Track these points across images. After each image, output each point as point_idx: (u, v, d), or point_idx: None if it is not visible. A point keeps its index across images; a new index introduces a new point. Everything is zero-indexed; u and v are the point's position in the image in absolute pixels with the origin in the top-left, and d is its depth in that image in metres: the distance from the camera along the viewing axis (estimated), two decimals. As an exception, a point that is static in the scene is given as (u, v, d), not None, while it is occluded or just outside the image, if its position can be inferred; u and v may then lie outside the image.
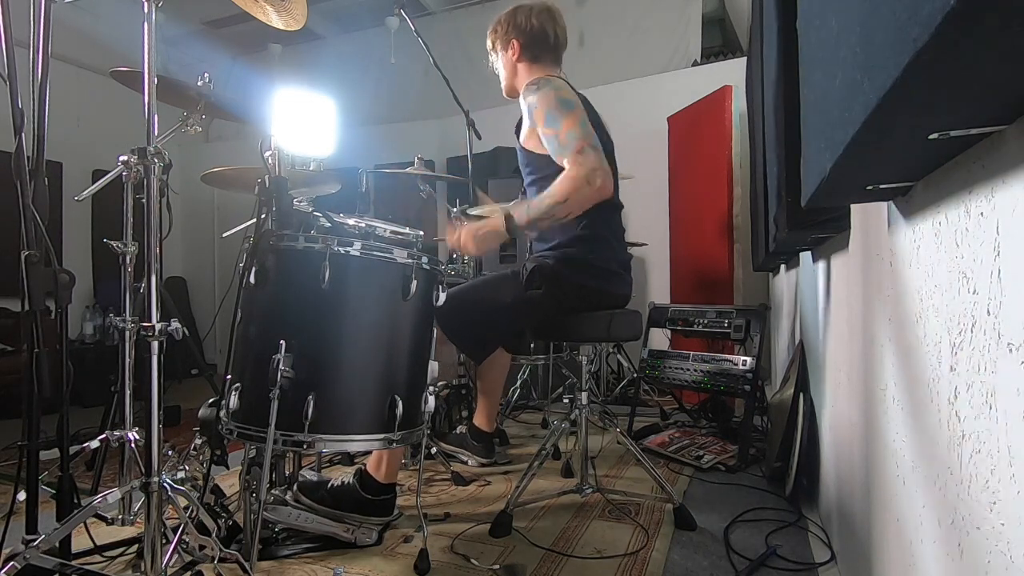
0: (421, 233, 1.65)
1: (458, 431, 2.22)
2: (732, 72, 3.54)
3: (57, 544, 1.16)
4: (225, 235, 2.04)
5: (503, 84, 1.96)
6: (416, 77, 4.74)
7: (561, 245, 1.74)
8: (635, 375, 2.98)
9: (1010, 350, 0.45)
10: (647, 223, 3.78)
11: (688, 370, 2.50)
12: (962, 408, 0.55)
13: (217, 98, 1.59)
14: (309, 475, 1.73)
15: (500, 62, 1.94)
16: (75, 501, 1.22)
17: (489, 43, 1.95)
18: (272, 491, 1.54)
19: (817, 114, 0.68)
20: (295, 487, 1.58)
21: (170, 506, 1.18)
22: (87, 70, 4.40)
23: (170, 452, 1.63)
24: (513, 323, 1.82)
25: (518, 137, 1.86)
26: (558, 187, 1.55)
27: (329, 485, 1.59)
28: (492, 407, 2.15)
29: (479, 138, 2.67)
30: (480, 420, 2.15)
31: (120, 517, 1.40)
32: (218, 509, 1.52)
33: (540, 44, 1.86)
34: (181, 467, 1.50)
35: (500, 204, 2.24)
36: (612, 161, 1.79)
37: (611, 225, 1.81)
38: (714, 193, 3.36)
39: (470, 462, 2.17)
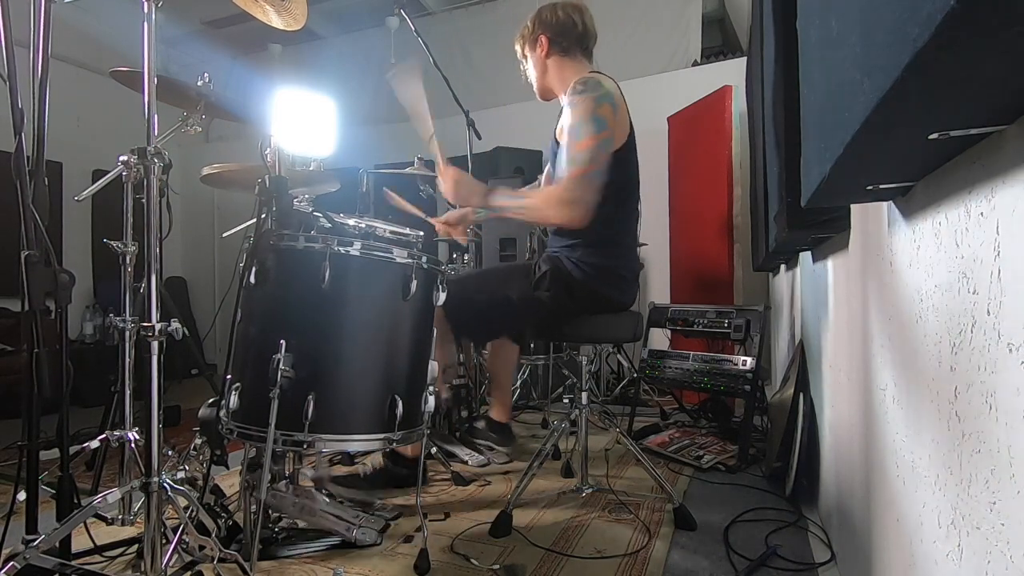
0: (421, 233, 1.66)
1: (478, 425, 2.27)
2: (732, 72, 3.55)
3: (57, 544, 1.16)
4: (225, 235, 2.04)
5: (535, 86, 1.89)
6: (416, 77, 4.72)
7: (582, 246, 1.71)
8: (635, 375, 2.98)
9: (1010, 350, 0.45)
10: (647, 223, 3.76)
11: (688, 370, 2.50)
12: (962, 408, 0.55)
13: (217, 98, 1.59)
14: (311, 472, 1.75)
15: (530, 64, 1.89)
16: (75, 501, 1.21)
17: (518, 49, 1.91)
18: (273, 485, 1.54)
19: (817, 114, 0.68)
20: (330, 480, 1.70)
21: (170, 506, 1.18)
22: (87, 70, 4.40)
23: (170, 452, 1.64)
24: (516, 319, 1.81)
25: (555, 130, 1.83)
26: (537, 196, 1.69)
27: (361, 474, 1.75)
28: (504, 398, 2.20)
29: (479, 138, 2.67)
30: (495, 413, 2.21)
31: (120, 517, 1.40)
32: (218, 509, 1.52)
33: (568, 35, 1.81)
34: (181, 467, 1.50)
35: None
36: (636, 161, 1.79)
37: (632, 234, 1.83)
38: (714, 193, 3.36)
39: (464, 453, 2.20)
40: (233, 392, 1.29)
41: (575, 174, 1.58)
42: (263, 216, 1.35)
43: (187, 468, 1.52)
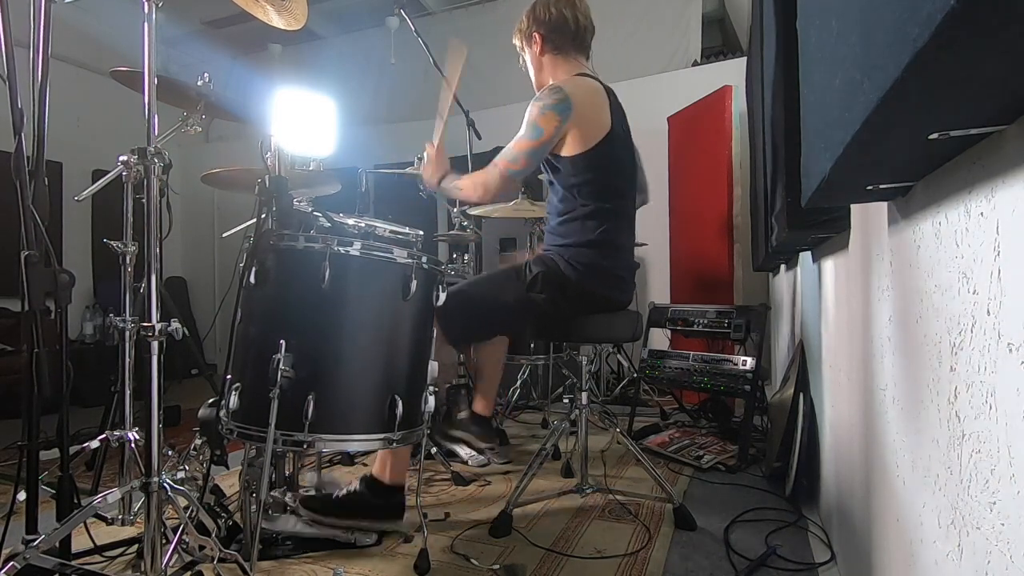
0: (421, 233, 1.66)
1: (461, 416, 2.22)
2: (732, 72, 3.54)
3: (57, 544, 1.16)
4: (225, 235, 2.04)
5: (533, 82, 1.93)
6: (416, 77, 4.73)
7: (575, 245, 1.72)
8: (635, 375, 2.98)
9: (1010, 350, 0.45)
10: (647, 223, 3.75)
11: (688, 370, 2.50)
12: (962, 408, 0.55)
13: (217, 98, 1.59)
14: (310, 477, 1.73)
15: (527, 59, 1.92)
16: (75, 501, 1.21)
17: (516, 43, 1.94)
18: (273, 492, 1.54)
19: (817, 114, 0.68)
20: (299, 503, 1.56)
21: (170, 506, 1.18)
22: (87, 70, 4.40)
23: (170, 452, 1.64)
24: (512, 323, 1.81)
25: None
26: (465, 180, 1.83)
27: (334, 496, 1.57)
28: (489, 392, 2.15)
29: (479, 138, 2.67)
30: (478, 406, 2.16)
31: (120, 517, 1.40)
32: (218, 509, 1.52)
33: (561, 32, 1.83)
34: (181, 467, 1.50)
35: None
36: (633, 167, 1.82)
37: (627, 232, 1.82)
38: (714, 193, 3.36)
39: (465, 453, 2.18)
40: (233, 392, 1.29)
41: (499, 164, 1.74)
42: (263, 216, 1.35)
43: (187, 468, 1.52)
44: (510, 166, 1.73)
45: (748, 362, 2.31)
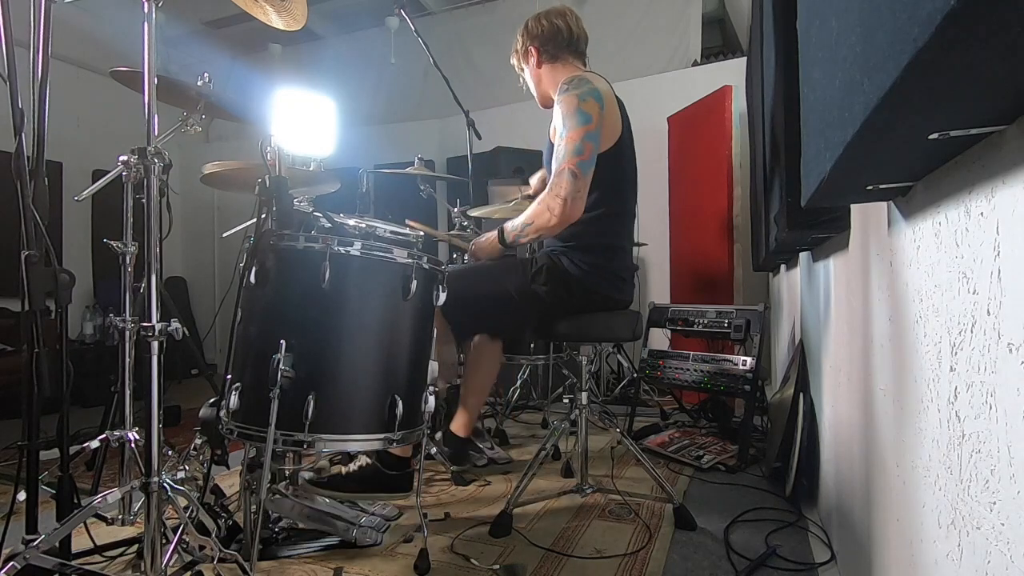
0: (421, 233, 1.66)
1: (437, 436, 2.05)
2: (732, 72, 3.55)
3: (57, 544, 1.16)
4: (225, 235, 2.04)
5: (536, 96, 1.93)
6: (416, 77, 4.74)
7: (578, 248, 1.73)
8: (635, 375, 2.98)
9: (1010, 350, 0.45)
10: (647, 223, 3.78)
11: (688, 370, 2.50)
12: (962, 408, 0.55)
13: (217, 98, 1.59)
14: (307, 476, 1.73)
15: (527, 75, 1.93)
16: (75, 501, 1.22)
17: (515, 63, 1.95)
18: (273, 485, 1.54)
19: (817, 114, 0.68)
20: (308, 482, 1.58)
21: (170, 506, 1.18)
22: (87, 70, 4.40)
23: (170, 452, 1.64)
24: (512, 314, 1.80)
25: (549, 131, 1.85)
26: (532, 209, 1.67)
27: (345, 472, 1.59)
28: (473, 410, 1.96)
29: (479, 138, 2.67)
30: (456, 425, 1.95)
31: (120, 517, 1.40)
32: (218, 509, 1.52)
33: (555, 41, 1.84)
34: (181, 467, 1.50)
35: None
36: (632, 162, 1.80)
37: (626, 234, 1.82)
38: (714, 193, 3.36)
39: (480, 456, 2.16)
40: (233, 392, 1.29)
41: (562, 169, 1.61)
42: (263, 216, 1.35)
43: (187, 468, 1.52)
44: (577, 159, 1.59)
45: (748, 362, 2.31)
